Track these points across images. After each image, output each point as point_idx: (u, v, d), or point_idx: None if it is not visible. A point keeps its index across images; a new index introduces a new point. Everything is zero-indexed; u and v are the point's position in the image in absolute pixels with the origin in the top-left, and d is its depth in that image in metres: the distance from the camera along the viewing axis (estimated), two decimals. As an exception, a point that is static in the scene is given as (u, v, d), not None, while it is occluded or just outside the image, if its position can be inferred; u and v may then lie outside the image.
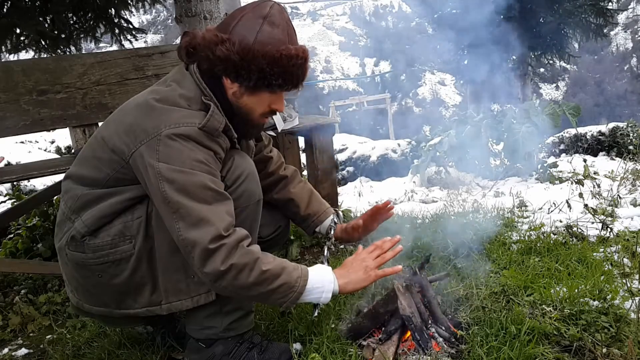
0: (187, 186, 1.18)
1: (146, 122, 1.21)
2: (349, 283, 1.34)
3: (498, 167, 5.11)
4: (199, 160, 1.20)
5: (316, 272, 1.32)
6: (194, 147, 1.20)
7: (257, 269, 1.20)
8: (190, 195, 1.18)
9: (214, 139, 1.24)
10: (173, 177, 1.18)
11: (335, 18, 66.44)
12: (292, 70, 1.25)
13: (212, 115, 1.24)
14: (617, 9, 8.14)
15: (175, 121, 1.20)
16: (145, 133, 1.20)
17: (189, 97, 1.26)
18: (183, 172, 1.18)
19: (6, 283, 2.34)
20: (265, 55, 1.21)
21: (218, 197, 1.21)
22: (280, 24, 1.26)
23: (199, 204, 1.18)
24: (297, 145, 3.16)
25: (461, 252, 2.13)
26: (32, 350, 1.81)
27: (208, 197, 1.19)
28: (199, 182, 1.18)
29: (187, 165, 1.18)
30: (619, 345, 1.42)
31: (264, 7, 1.26)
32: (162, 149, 1.18)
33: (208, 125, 1.23)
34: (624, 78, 44.61)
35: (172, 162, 1.18)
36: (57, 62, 2.43)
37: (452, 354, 1.46)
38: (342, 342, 1.53)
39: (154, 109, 1.23)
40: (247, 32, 1.22)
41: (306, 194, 1.69)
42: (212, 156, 1.24)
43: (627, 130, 6.25)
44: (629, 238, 2.23)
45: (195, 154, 1.20)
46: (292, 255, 2.38)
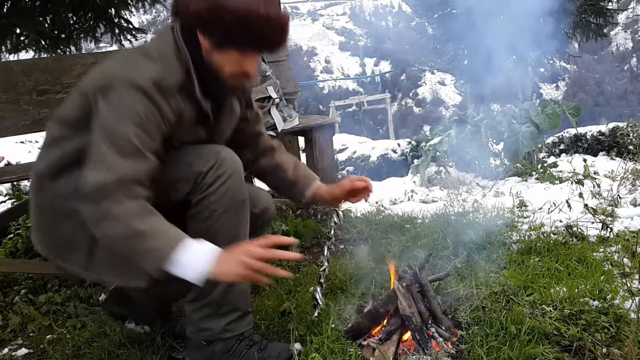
0: (111, 132, 1.19)
1: (116, 66, 1.25)
2: (222, 274, 1.19)
3: (498, 167, 5.11)
4: (136, 111, 1.20)
5: (194, 250, 1.19)
6: (139, 97, 1.20)
7: (130, 225, 1.16)
8: (109, 140, 1.18)
9: (164, 96, 1.24)
10: (105, 119, 1.20)
11: (335, 18, 66.44)
12: (259, 31, 1.24)
13: (171, 71, 1.25)
14: (617, 9, 8.14)
15: (134, 70, 1.22)
16: (109, 75, 1.22)
17: (162, 50, 1.28)
18: (115, 118, 1.19)
19: (6, 283, 2.34)
20: (233, 11, 1.20)
21: (135, 153, 1.20)
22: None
23: (112, 151, 1.18)
24: (297, 145, 3.17)
25: (461, 252, 2.13)
26: (32, 350, 1.81)
27: (125, 149, 1.19)
28: (123, 132, 1.19)
29: (122, 112, 1.19)
30: (619, 345, 1.42)
31: None
32: (112, 92, 1.20)
33: (161, 81, 1.23)
34: (624, 78, 44.62)
35: (112, 105, 1.19)
36: (57, 62, 2.43)
37: (452, 354, 1.46)
38: (342, 342, 1.53)
39: (126, 56, 1.29)
40: None
41: (292, 161, 1.70)
42: (155, 112, 1.23)
43: (627, 130, 6.25)
44: (629, 238, 2.23)
45: (135, 104, 1.20)
46: (292, 255, 2.38)
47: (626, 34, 47.24)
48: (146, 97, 1.20)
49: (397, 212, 3.13)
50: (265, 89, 2.55)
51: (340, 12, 67.22)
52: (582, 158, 4.77)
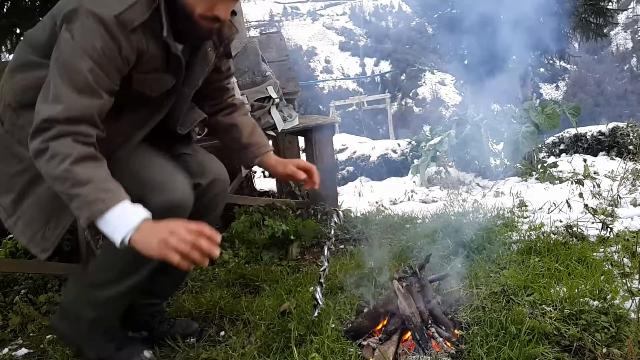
0: (67, 64, 1.18)
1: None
2: (141, 244, 1.15)
3: (498, 167, 5.11)
4: (94, 46, 1.18)
5: (124, 210, 1.16)
6: (99, 31, 1.18)
7: (65, 164, 1.15)
8: (64, 73, 1.18)
9: (125, 34, 1.20)
10: (64, 51, 1.18)
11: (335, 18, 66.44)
12: None
13: (134, 6, 1.21)
14: (617, 9, 8.14)
15: (99, 2, 1.20)
16: (76, 2, 1.20)
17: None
18: (73, 49, 1.18)
19: (6, 283, 2.34)
20: None
21: (89, 90, 1.19)
22: None
23: (65, 85, 1.17)
24: (297, 145, 3.17)
25: (461, 252, 2.13)
26: (32, 350, 1.81)
27: (78, 84, 1.18)
28: (78, 66, 1.18)
29: (81, 46, 1.18)
30: (619, 345, 1.42)
31: None
32: (75, 21, 1.18)
33: (124, 16, 1.19)
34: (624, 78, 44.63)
35: (73, 36, 1.18)
36: (57, 62, 2.43)
37: (452, 354, 1.47)
38: (342, 342, 1.53)
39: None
40: None
41: (250, 125, 1.68)
42: (114, 50, 1.20)
43: (627, 130, 6.25)
44: (629, 238, 2.23)
45: (94, 39, 1.18)
46: (292, 255, 2.38)
47: (626, 34, 47.25)
48: (107, 32, 1.18)
49: (397, 212, 3.13)
50: (265, 89, 2.55)
51: (340, 12, 67.22)
52: (582, 158, 4.78)
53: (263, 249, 2.38)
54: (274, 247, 2.39)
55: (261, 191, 3.31)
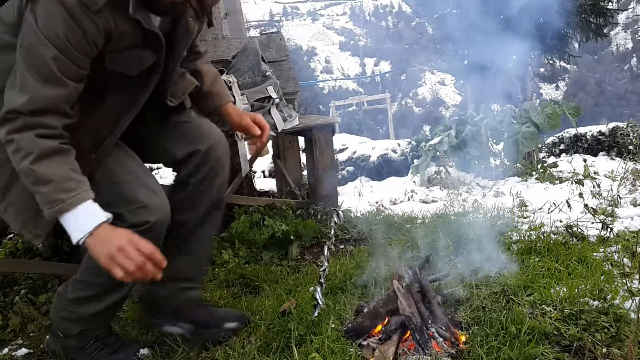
0: (31, 51, 1.15)
1: None
2: (92, 249, 1.18)
3: (498, 167, 5.11)
4: (57, 33, 1.13)
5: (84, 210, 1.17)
6: (62, 16, 1.13)
7: (26, 162, 1.15)
8: (28, 61, 1.15)
9: (89, 16, 1.14)
10: (28, 38, 1.15)
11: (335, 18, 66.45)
12: None
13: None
14: (617, 9, 8.14)
15: None
16: None
17: None
18: (37, 36, 1.14)
19: (6, 283, 2.34)
20: None
21: (52, 79, 1.16)
22: None
23: (29, 74, 1.15)
24: (297, 145, 3.17)
25: (461, 252, 2.13)
26: (32, 350, 1.81)
27: (42, 73, 1.15)
28: (41, 55, 1.14)
29: (44, 32, 1.13)
30: (619, 345, 1.42)
31: None
32: (39, 5, 1.14)
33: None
34: (624, 78, 44.63)
35: (37, 22, 1.14)
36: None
37: (452, 354, 1.47)
38: (342, 342, 1.53)
39: None
40: None
41: (212, 73, 1.66)
42: (79, 35, 1.15)
43: (627, 130, 6.25)
44: (629, 238, 2.23)
45: (57, 25, 1.13)
46: (292, 255, 2.38)
47: (626, 34, 47.26)
48: (70, 17, 1.13)
49: (397, 212, 3.13)
50: (265, 89, 2.55)
51: (340, 12, 67.23)
52: (582, 158, 4.78)
53: (263, 249, 2.38)
54: (274, 247, 2.39)
55: (261, 191, 3.31)
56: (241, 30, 7.84)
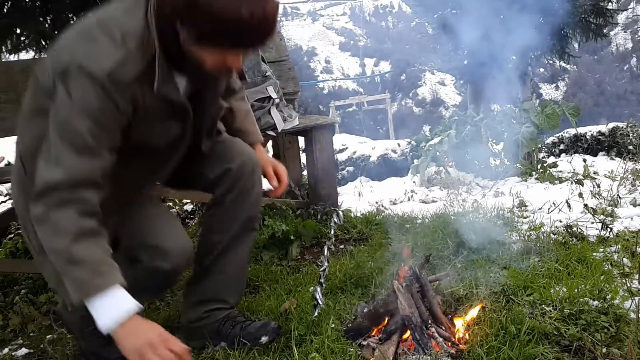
0: (65, 124, 1.14)
1: (77, 45, 1.17)
2: (119, 340, 1.15)
3: (498, 167, 5.11)
4: (91, 106, 1.13)
5: (113, 299, 1.14)
6: (95, 90, 1.13)
7: (64, 241, 1.12)
8: (63, 133, 1.14)
9: (120, 89, 1.15)
10: (61, 111, 1.15)
11: (335, 18, 66.47)
12: (241, 33, 1.12)
13: (127, 60, 1.14)
14: (617, 9, 8.13)
15: (93, 55, 1.13)
16: (68, 57, 1.15)
17: (127, 30, 1.16)
18: (70, 109, 1.13)
19: (6, 283, 2.34)
20: (210, 12, 1.08)
21: (87, 151, 1.15)
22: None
23: (64, 146, 1.14)
24: (297, 145, 3.17)
25: (461, 252, 2.13)
26: (32, 350, 1.81)
27: (77, 145, 1.14)
28: (75, 127, 1.13)
29: (78, 106, 1.13)
30: (619, 345, 1.42)
31: None
32: (70, 79, 1.13)
33: (117, 72, 1.13)
34: (623, 78, 44.65)
35: (69, 95, 1.13)
36: (57, 62, 2.43)
37: (452, 354, 1.47)
38: (342, 342, 1.53)
39: (89, 32, 1.17)
40: None
41: (243, 111, 1.66)
42: (112, 107, 1.15)
43: (626, 130, 6.25)
44: (628, 238, 2.23)
45: (90, 99, 1.13)
46: (292, 255, 2.38)
47: (626, 34, 47.27)
48: (103, 90, 1.13)
49: (397, 212, 3.13)
50: (265, 89, 2.55)
51: (340, 12, 67.24)
52: (581, 158, 4.77)
53: (263, 249, 2.38)
54: (274, 247, 2.39)
55: (261, 191, 3.31)
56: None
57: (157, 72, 1.18)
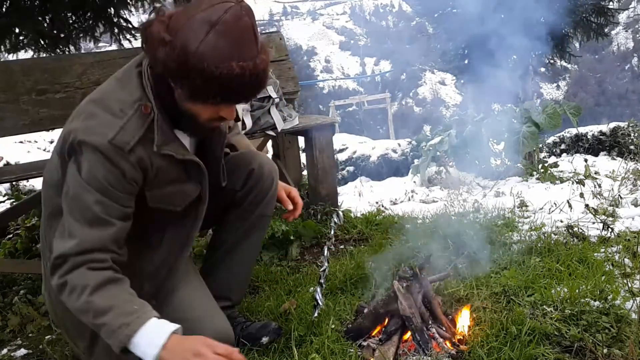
0: (75, 199, 1.17)
1: (76, 124, 1.19)
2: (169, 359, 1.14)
3: (498, 167, 5.10)
4: (96, 177, 1.16)
5: (148, 332, 1.14)
6: (98, 161, 1.16)
7: (84, 297, 1.14)
8: (73, 208, 1.17)
9: (124, 157, 1.17)
10: (70, 186, 1.18)
11: (335, 17, 66.47)
12: (232, 89, 1.14)
13: (126, 126, 1.17)
14: (618, 9, 8.13)
15: (94, 129, 1.16)
16: (73, 133, 1.18)
17: (125, 100, 1.20)
18: (79, 183, 1.16)
19: (5, 283, 2.34)
20: (201, 70, 1.09)
21: (98, 221, 1.18)
22: (231, 34, 1.10)
23: (75, 220, 1.17)
24: (297, 145, 3.16)
25: (461, 252, 2.13)
26: (31, 350, 1.81)
27: (88, 217, 1.17)
28: (84, 200, 1.16)
29: (85, 178, 1.16)
30: (620, 345, 1.42)
31: (218, 9, 1.10)
32: (77, 154, 1.17)
33: (117, 139, 1.15)
34: (625, 77, 44.64)
35: (78, 169, 1.17)
36: (56, 62, 2.42)
37: (452, 355, 1.46)
38: (342, 342, 1.52)
39: (86, 111, 1.21)
40: (190, 38, 1.10)
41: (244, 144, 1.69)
42: (118, 176, 1.17)
43: (628, 130, 6.24)
44: (630, 238, 2.22)
45: (96, 170, 1.15)
46: (291, 255, 2.38)
47: (627, 34, 47.26)
48: (107, 160, 1.15)
49: (397, 212, 3.13)
50: (265, 89, 2.54)
51: (340, 11, 67.25)
52: (583, 158, 4.76)
53: (263, 249, 2.38)
54: (273, 247, 2.38)
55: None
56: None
57: (156, 131, 1.20)
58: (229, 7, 1.11)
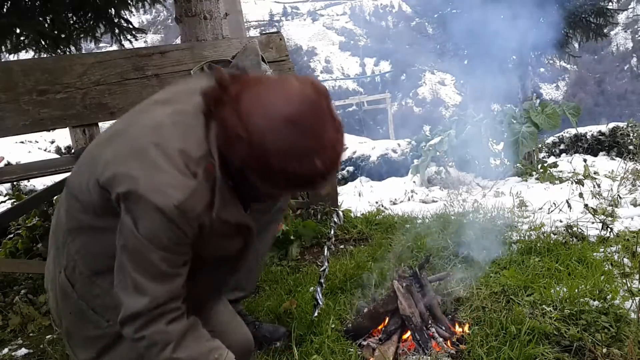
0: (137, 255, 1.14)
1: (136, 168, 1.11)
2: None
3: (498, 167, 5.10)
4: (160, 239, 1.12)
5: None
6: (163, 223, 1.10)
7: (167, 352, 1.14)
8: (137, 264, 1.14)
9: (189, 220, 1.12)
10: (130, 241, 1.14)
11: (335, 18, 66.46)
12: (313, 183, 1.12)
13: (195, 192, 1.10)
14: (618, 9, 8.13)
15: (156, 185, 1.09)
16: (130, 181, 1.10)
17: (190, 155, 1.11)
18: (140, 243, 1.12)
19: (6, 283, 2.34)
20: (284, 171, 1.05)
21: (166, 276, 1.16)
22: (312, 128, 1.05)
23: (141, 275, 1.14)
24: (297, 145, 3.16)
25: (461, 252, 2.13)
26: (32, 350, 1.81)
27: (155, 274, 1.15)
28: (149, 259, 1.14)
29: (147, 239, 1.12)
30: (619, 345, 1.42)
31: (294, 101, 1.04)
32: (135, 208, 1.11)
33: (185, 204, 1.09)
34: (624, 78, 44.65)
35: (137, 226, 1.12)
36: (56, 62, 2.43)
37: (452, 354, 1.46)
38: (342, 342, 1.53)
39: (147, 155, 1.11)
40: (269, 140, 1.04)
41: None
42: (181, 236, 1.14)
43: (627, 130, 6.25)
44: (629, 238, 2.23)
45: (159, 230, 1.11)
46: (292, 255, 2.38)
47: (626, 34, 47.27)
48: (171, 223, 1.10)
49: (397, 212, 3.13)
50: (265, 89, 2.55)
51: (340, 12, 67.24)
52: (582, 158, 4.77)
53: (263, 249, 2.38)
54: (273, 247, 2.38)
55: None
56: (241, 30, 7.84)
57: (217, 195, 1.14)
58: (305, 96, 1.05)
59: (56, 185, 2.62)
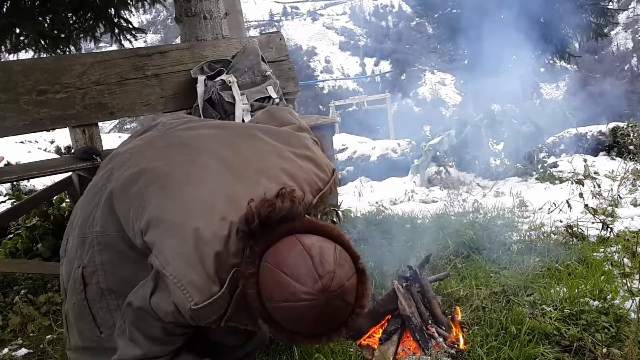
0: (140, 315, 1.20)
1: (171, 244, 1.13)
2: None
3: (498, 167, 5.10)
4: (166, 316, 1.16)
5: None
6: (173, 313, 1.14)
7: None
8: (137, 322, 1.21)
9: (197, 322, 1.15)
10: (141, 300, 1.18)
11: (335, 18, 66.42)
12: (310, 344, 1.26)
13: (214, 302, 1.11)
14: (618, 9, 8.14)
15: (180, 279, 1.10)
16: (162, 258, 1.12)
17: (221, 261, 1.12)
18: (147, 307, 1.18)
19: (6, 283, 2.34)
20: (291, 335, 1.09)
21: (161, 341, 1.24)
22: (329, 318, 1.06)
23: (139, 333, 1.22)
24: (297, 145, 3.16)
25: (461, 252, 2.13)
26: (32, 350, 1.81)
27: (151, 336, 1.22)
28: (150, 323, 1.21)
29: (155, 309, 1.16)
30: (619, 345, 1.42)
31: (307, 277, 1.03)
32: (160, 284, 1.15)
33: (200, 312, 1.10)
34: (624, 78, 44.63)
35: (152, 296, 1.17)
36: (56, 62, 2.43)
37: (452, 354, 1.46)
38: (343, 342, 1.53)
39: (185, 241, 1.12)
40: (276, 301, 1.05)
41: None
42: (185, 325, 1.19)
43: (627, 130, 6.24)
44: (629, 238, 2.23)
45: (167, 314, 1.15)
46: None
47: (627, 34, 47.26)
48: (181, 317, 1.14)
49: (397, 212, 3.13)
50: (265, 89, 2.55)
51: (340, 11, 67.21)
52: (582, 158, 4.77)
53: (263, 249, 2.38)
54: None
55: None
56: (241, 30, 7.83)
57: (231, 306, 1.15)
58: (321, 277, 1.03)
59: (56, 185, 2.62)
